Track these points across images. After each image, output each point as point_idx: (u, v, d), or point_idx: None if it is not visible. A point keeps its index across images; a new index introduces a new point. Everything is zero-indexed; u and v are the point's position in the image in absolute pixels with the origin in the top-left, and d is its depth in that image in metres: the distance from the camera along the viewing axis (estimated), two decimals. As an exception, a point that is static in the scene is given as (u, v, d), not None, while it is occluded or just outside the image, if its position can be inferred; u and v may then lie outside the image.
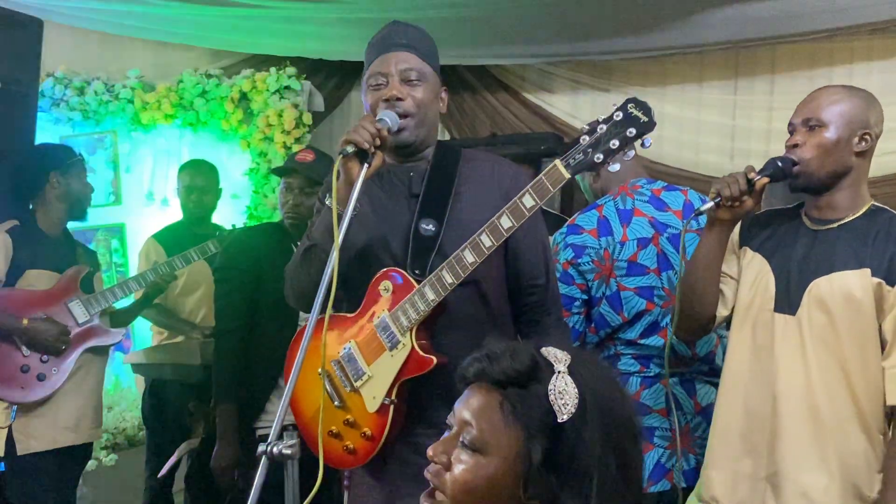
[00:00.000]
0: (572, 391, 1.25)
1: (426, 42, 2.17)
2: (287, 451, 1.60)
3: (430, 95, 2.13)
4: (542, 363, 1.29)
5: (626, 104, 1.87)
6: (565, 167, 1.91)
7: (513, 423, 1.27)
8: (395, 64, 2.10)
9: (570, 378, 1.27)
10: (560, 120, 5.11)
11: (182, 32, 5.13)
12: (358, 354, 2.09)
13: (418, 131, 2.12)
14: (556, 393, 1.25)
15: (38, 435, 3.21)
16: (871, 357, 2.04)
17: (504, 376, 1.29)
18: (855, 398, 2.04)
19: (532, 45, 4.86)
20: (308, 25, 4.76)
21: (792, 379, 2.08)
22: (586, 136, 1.89)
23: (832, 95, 2.13)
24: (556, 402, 1.25)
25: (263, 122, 5.09)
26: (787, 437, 2.08)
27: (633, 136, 1.86)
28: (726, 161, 4.77)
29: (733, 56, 4.76)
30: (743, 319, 2.20)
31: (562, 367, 1.28)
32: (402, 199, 2.17)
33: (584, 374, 1.28)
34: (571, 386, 1.26)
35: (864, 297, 2.02)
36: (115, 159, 5.29)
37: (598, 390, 1.28)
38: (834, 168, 2.10)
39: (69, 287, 3.32)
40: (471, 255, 1.98)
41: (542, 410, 1.25)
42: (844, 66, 4.50)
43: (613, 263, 2.53)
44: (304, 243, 2.15)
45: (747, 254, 2.23)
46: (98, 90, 5.15)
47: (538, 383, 1.27)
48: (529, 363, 1.28)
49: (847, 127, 2.09)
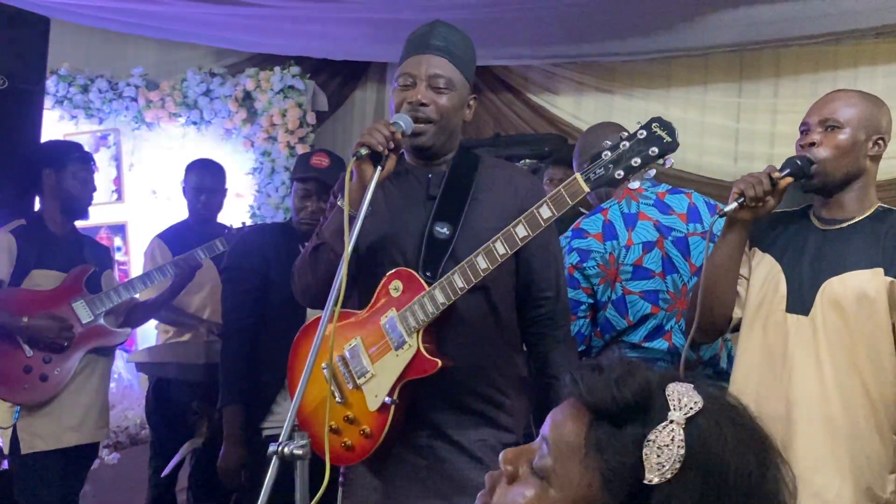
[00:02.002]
0: (676, 451, 0.97)
1: (464, 48, 2.14)
2: (298, 451, 1.60)
3: (455, 104, 2.11)
4: (655, 403, 1.01)
5: (651, 123, 1.87)
6: (585, 181, 1.91)
7: (592, 462, 1.01)
8: (427, 67, 2.09)
9: (682, 434, 0.98)
10: (563, 121, 5.12)
11: (186, 31, 5.12)
12: (363, 352, 2.10)
13: (437, 138, 2.11)
14: (655, 447, 0.98)
15: (43, 434, 3.20)
16: (885, 356, 2.04)
17: (600, 403, 1.02)
18: (868, 398, 2.04)
19: (536, 47, 4.87)
20: (312, 25, 4.76)
21: (806, 379, 2.08)
22: (608, 152, 1.89)
23: (850, 98, 2.16)
24: (650, 457, 0.98)
25: (267, 121, 5.10)
26: (801, 439, 2.07)
27: (656, 155, 1.86)
28: (730, 164, 4.78)
29: (738, 59, 4.77)
30: (753, 320, 2.19)
31: (679, 415, 0.99)
32: (418, 201, 2.17)
33: (707, 434, 0.99)
34: (678, 444, 0.97)
35: (877, 297, 2.03)
36: (119, 157, 5.30)
37: (720, 456, 0.98)
38: (849, 170, 2.12)
39: (73, 287, 3.29)
40: (484, 262, 1.98)
41: (633, 460, 0.98)
42: (849, 70, 4.51)
43: (619, 267, 2.54)
44: (314, 241, 2.16)
45: (757, 254, 2.24)
46: (102, 88, 5.14)
47: (641, 426, 1.00)
48: (635, 398, 1.01)
49: (863, 130, 2.11)
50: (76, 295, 3.29)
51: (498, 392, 2.15)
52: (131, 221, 5.30)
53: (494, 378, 2.15)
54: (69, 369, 3.25)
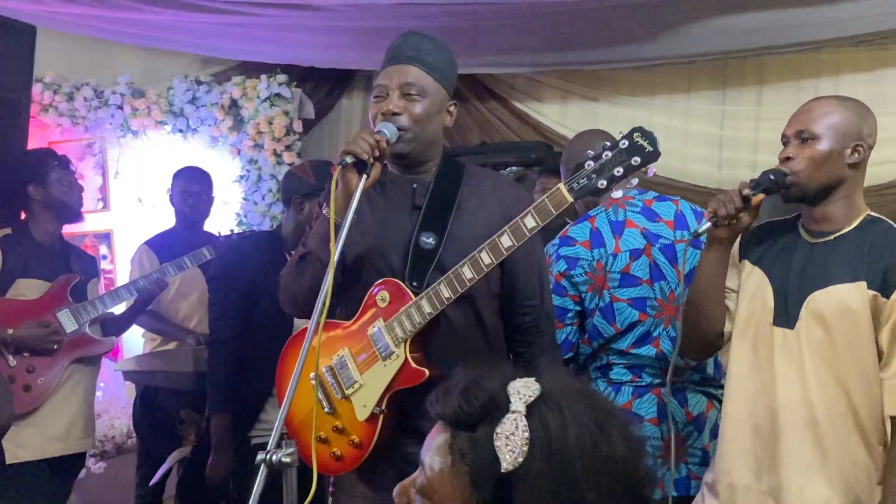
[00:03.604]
0: (521, 435, 1.08)
1: (437, 55, 2.16)
2: (286, 459, 1.61)
3: (429, 110, 2.12)
4: (500, 401, 1.12)
5: (633, 133, 1.89)
6: (568, 191, 1.93)
7: (459, 470, 1.12)
8: (398, 77, 2.11)
9: (524, 420, 1.09)
10: (549, 129, 5.14)
11: (172, 39, 5.12)
12: (351, 362, 2.11)
13: (413, 145, 2.12)
14: (504, 437, 1.09)
15: (27, 444, 3.18)
16: (870, 369, 2.05)
17: (455, 415, 1.14)
18: (854, 411, 2.05)
19: (521, 55, 4.89)
20: (299, 33, 4.77)
21: (791, 393, 2.09)
22: (591, 162, 1.91)
23: (824, 107, 2.13)
24: (502, 449, 1.08)
25: (254, 129, 5.09)
26: (788, 451, 2.08)
27: (638, 165, 1.88)
28: (714, 170, 4.82)
29: (721, 67, 4.81)
30: (743, 332, 2.20)
31: (520, 405, 1.11)
32: (404, 211, 2.18)
33: (550, 416, 1.10)
34: (522, 429, 1.08)
35: (860, 310, 2.03)
36: (104, 165, 5.28)
37: (564, 435, 1.09)
38: (826, 180, 2.10)
39: (58, 296, 3.27)
40: (469, 272, 1.99)
41: (490, 457, 1.09)
42: (831, 78, 4.56)
43: (606, 275, 2.55)
44: (300, 250, 2.16)
45: (746, 266, 2.24)
46: (87, 96, 5.14)
47: (489, 425, 1.11)
48: (483, 402, 1.12)
49: (839, 139, 2.09)
50: (61, 304, 3.27)
51: None
52: (117, 229, 5.28)
53: None
54: (53, 379, 3.22)
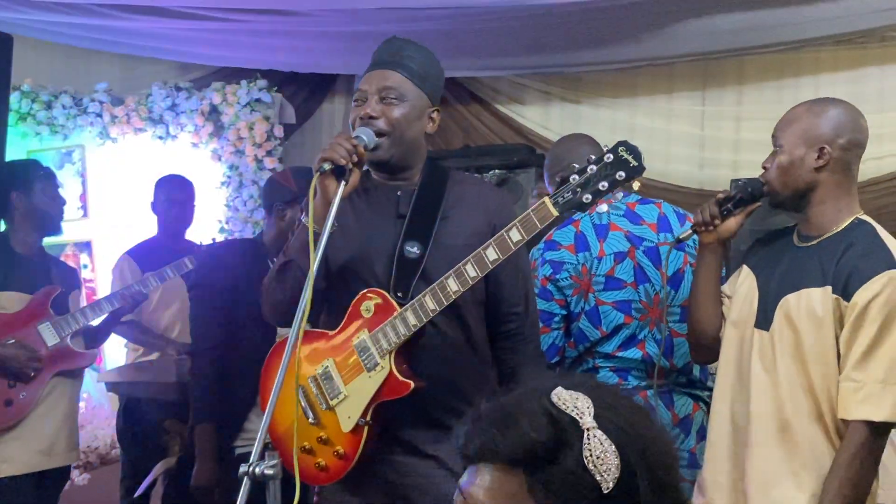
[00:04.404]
0: (609, 449, 0.98)
1: (419, 60, 2.15)
2: (269, 471, 1.59)
3: (408, 114, 2.10)
4: (563, 420, 1.00)
5: (618, 147, 1.89)
6: (553, 205, 1.93)
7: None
8: (376, 82, 2.10)
9: (600, 433, 0.99)
10: (532, 131, 5.15)
11: (151, 45, 5.10)
12: (335, 373, 2.09)
13: (393, 150, 2.10)
14: (595, 458, 0.98)
15: (10, 459, 3.14)
16: (833, 373, 2.05)
17: (530, 451, 0.99)
18: (820, 413, 2.06)
19: (504, 58, 4.90)
20: (278, 38, 4.76)
21: (763, 394, 2.11)
22: (576, 176, 1.91)
23: (790, 114, 2.16)
24: (598, 470, 0.97)
25: (234, 134, 5.07)
26: (757, 454, 2.11)
27: (623, 179, 1.88)
28: (696, 170, 4.84)
29: (702, 67, 4.83)
30: (730, 336, 2.23)
31: (588, 419, 1.00)
32: (388, 219, 2.16)
33: (613, 419, 1.02)
34: (607, 443, 0.98)
35: (824, 314, 2.04)
36: (84, 173, 5.24)
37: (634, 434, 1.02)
38: (795, 186, 2.12)
39: (39, 309, 3.22)
40: (455, 284, 1.98)
41: (587, 483, 0.97)
42: (811, 77, 4.59)
43: (591, 278, 2.55)
44: (281, 259, 2.15)
45: (744, 271, 2.26)
46: (66, 104, 5.10)
47: (568, 449, 0.98)
48: (551, 427, 0.99)
49: (799, 146, 2.09)
50: (42, 317, 3.22)
51: (471, 406, 2.14)
52: (97, 238, 5.24)
53: (468, 392, 2.14)
54: (35, 393, 3.18)
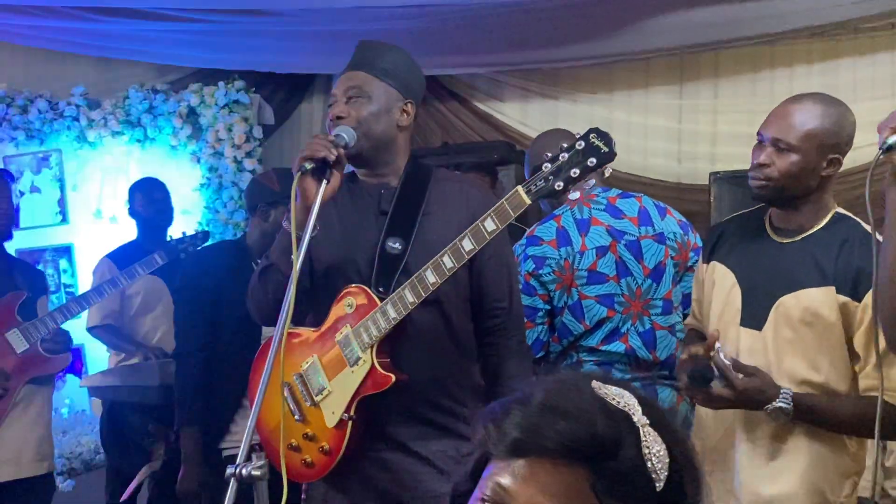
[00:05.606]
0: (664, 447, 0.93)
1: (385, 57, 2.17)
2: (256, 472, 1.60)
3: (373, 110, 2.12)
4: (618, 415, 0.94)
5: (588, 134, 1.91)
6: (526, 193, 1.94)
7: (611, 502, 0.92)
8: (343, 84, 2.14)
9: (653, 430, 0.94)
10: (511, 128, 5.14)
11: (127, 48, 5.07)
12: (320, 369, 2.11)
13: (360, 144, 2.10)
14: (654, 455, 0.92)
15: None
16: (843, 369, 2.04)
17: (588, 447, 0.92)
18: None
19: (481, 55, 4.90)
20: (255, 39, 4.74)
21: None
22: (548, 164, 1.92)
23: (807, 113, 2.03)
24: (655, 468, 0.92)
25: (213, 136, 5.04)
26: (749, 449, 2.10)
27: (594, 165, 1.90)
28: (674, 164, 4.86)
29: (678, 62, 4.84)
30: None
31: (640, 416, 0.94)
32: (370, 216, 2.18)
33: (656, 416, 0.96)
34: (659, 441, 0.93)
35: (830, 315, 2.01)
36: (62, 178, 5.20)
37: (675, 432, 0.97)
38: (797, 190, 2.07)
39: (5, 316, 3.13)
40: (433, 276, 2.00)
41: (642, 482, 0.92)
42: (785, 69, 4.62)
43: (574, 273, 2.57)
44: (264, 262, 2.17)
45: (718, 268, 2.22)
46: (42, 108, 5.06)
47: (626, 444, 0.92)
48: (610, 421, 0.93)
49: (817, 153, 2.02)
50: (9, 325, 3.14)
51: (456, 402, 2.17)
52: (77, 243, 5.20)
53: (452, 389, 2.16)
54: (6, 403, 3.10)
